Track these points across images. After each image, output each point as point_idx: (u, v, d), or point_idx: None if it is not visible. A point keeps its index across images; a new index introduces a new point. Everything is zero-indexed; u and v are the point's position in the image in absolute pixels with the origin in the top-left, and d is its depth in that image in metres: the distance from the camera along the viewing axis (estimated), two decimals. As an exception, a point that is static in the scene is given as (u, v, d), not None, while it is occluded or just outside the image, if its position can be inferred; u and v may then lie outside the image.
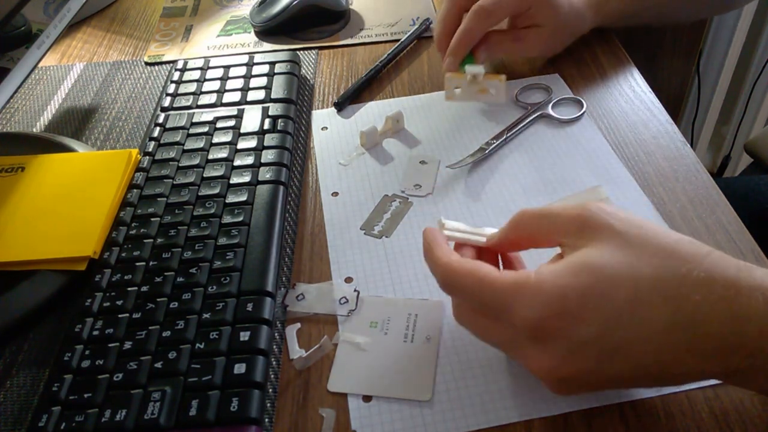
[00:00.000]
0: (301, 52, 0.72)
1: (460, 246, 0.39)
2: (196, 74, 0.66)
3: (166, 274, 0.45)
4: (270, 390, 0.40)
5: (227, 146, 0.56)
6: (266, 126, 0.58)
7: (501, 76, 0.55)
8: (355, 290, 0.46)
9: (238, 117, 0.59)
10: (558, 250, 0.35)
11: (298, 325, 0.44)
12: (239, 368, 0.39)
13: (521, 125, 0.58)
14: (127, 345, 0.41)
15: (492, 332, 0.35)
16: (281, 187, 0.52)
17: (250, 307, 0.42)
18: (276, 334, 0.44)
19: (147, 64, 0.73)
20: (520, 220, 0.36)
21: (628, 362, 0.31)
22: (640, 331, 0.30)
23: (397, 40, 0.71)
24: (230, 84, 0.64)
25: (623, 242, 0.31)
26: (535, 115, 0.59)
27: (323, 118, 0.63)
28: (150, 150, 0.57)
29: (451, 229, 0.40)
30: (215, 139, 0.57)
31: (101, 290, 0.45)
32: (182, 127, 0.59)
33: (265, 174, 0.53)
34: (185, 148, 0.56)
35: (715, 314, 0.30)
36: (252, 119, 0.59)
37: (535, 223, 0.35)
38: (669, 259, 0.31)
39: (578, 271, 0.31)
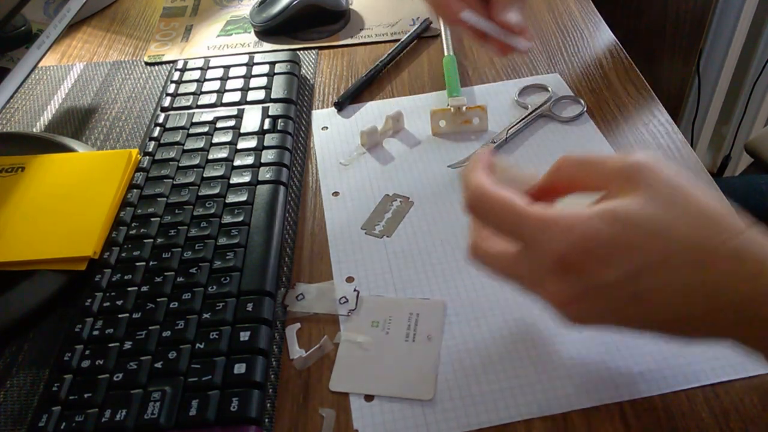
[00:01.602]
0: (301, 52, 0.72)
1: None
2: (196, 74, 0.66)
3: (166, 274, 0.45)
4: (270, 390, 0.40)
5: (227, 146, 0.56)
6: (266, 126, 0.58)
7: (483, 106, 0.58)
8: (354, 290, 0.46)
9: (238, 117, 0.59)
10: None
11: (298, 325, 0.44)
12: (239, 368, 0.39)
13: (521, 125, 0.58)
14: (127, 345, 0.41)
15: (509, 263, 0.35)
16: (281, 187, 0.52)
17: (250, 307, 0.42)
18: (276, 334, 0.43)
19: (147, 64, 0.73)
20: (561, 167, 0.35)
21: (644, 313, 0.31)
22: (662, 288, 0.30)
23: (397, 40, 0.71)
24: (230, 84, 0.64)
25: (666, 200, 0.31)
26: (535, 115, 0.59)
27: (323, 118, 0.63)
28: (150, 150, 0.57)
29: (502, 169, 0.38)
30: (215, 139, 0.57)
31: (101, 290, 0.45)
32: (182, 127, 0.59)
33: (265, 174, 0.53)
34: (185, 148, 0.56)
35: (738, 288, 0.30)
36: (252, 119, 0.59)
37: (577, 170, 0.35)
38: (707, 225, 0.31)
39: (614, 220, 0.31)
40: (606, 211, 0.31)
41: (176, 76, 0.66)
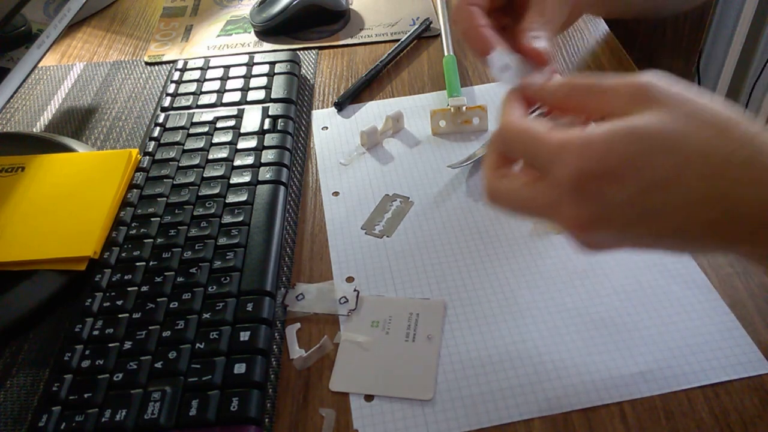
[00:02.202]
0: (301, 52, 0.72)
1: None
2: (196, 74, 0.66)
3: (166, 274, 0.45)
4: (270, 390, 0.40)
5: (227, 146, 0.56)
6: (266, 126, 0.58)
7: (483, 105, 0.58)
8: (354, 290, 0.46)
9: (238, 117, 0.59)
10: None
11: (298, 325, 0.44)
12: (239, 368, 0.39)
13: (521, 125, 0.58)
14: (127, 345, 0.41)
15: (527, 192, 0.34)
16: (281, 187, 0.52)
17: (250, 307, 0.42)
18: (276, 334, 0.43)
19: (147, 64, 0.73)
20: (569, 92, 0.35)
21: (656, 228, 0.31)
22: (675, 201, 0.30)
23: (397, 40, 0.71)
24: (230, 84, 0.64)
25: (677, 113, 0.31)
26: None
27: (323, 118, 0.63)
28: (150, 150, 0.57)
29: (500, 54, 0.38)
30: (215, 139, 0.57)
31: (101, 290, 0.45)
32: (182, 127, 0.59)
33: (265, 174, 0.53)
34: (185, 148, 0.56)
35: (750, 195, 0.30)
36: (252, 119, 0.59)
37: (584, 97, 0.35)
38: (719, 135, 0.30)
39: (626, 134, 0.31)
40: (620, 128, 0.31)
41: (176, 76, 0.66)
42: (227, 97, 0.62)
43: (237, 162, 0.54)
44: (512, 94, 0.37)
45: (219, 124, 0.59)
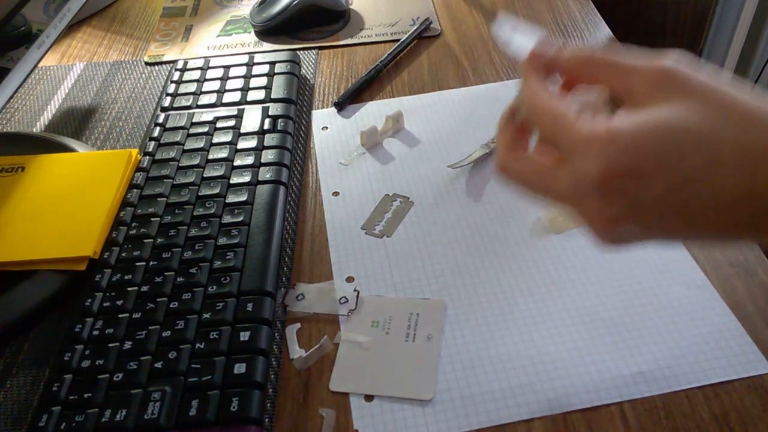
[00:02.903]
0: (301, 52, 0.72)
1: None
2: (196, 74, 0.66)
3: (166, 274, 0.45)
4: (270, 390, 0.40)
5: (227, 146, 0.56)
6: (266, 126, 0.58)
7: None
8: (354, 290, 0.46)
9: (238, 117, 0.59)
10: None
11: (298, 325, 0.44)
12: (239, 368, 0.39)
13: (521, 125, 0.58)
14: (127, 345, 0.41)
15: (548, 177, 0.33)
16: (281, 187, 0.52)
17: (250, 307, 0.42)
18: (276, 334, 0.43)
19: (147, 64, 0.73)
20: (586, 64, 0.34)
21: (687, 224, 0.30)
22: (708, 197, 0.29)
23: (397, 40, 0.71)
24: (230, 84, 0.64)
25: (708, 105, 0.30)
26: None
27: (323, 118, 0.63)
28: (150, 150, 0.57)
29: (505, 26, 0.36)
30: (215, 139, 0.57)
31: (101, 290, 0.45)
32: (182, 127, 0.59)
33: (265, 174, 0.53)
34: (185, 148, 0.56)
35: None
36: (252, 119, 0.59)
37: (602, 73, 0.33)
38: (754, 128, 0.29)
39: (654, 131, 0.29)
40: (647, 123, 0.30)
41: (176, 76, 0.66)
42: (227, 97, 0.62)
43: (237, 162, 0.54)
44: (530, 63, 0.35)
45: (219, 124, 0.59)
